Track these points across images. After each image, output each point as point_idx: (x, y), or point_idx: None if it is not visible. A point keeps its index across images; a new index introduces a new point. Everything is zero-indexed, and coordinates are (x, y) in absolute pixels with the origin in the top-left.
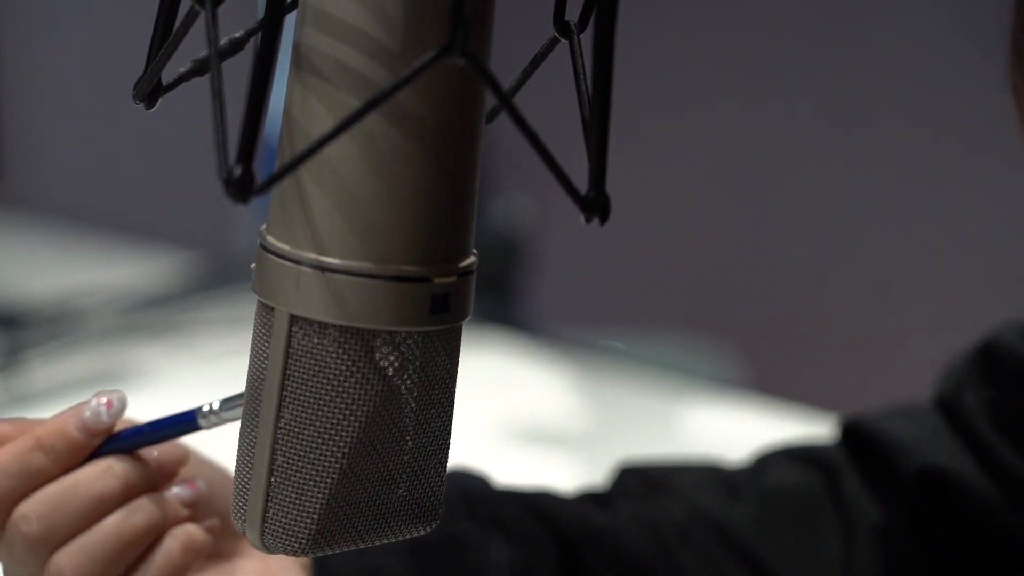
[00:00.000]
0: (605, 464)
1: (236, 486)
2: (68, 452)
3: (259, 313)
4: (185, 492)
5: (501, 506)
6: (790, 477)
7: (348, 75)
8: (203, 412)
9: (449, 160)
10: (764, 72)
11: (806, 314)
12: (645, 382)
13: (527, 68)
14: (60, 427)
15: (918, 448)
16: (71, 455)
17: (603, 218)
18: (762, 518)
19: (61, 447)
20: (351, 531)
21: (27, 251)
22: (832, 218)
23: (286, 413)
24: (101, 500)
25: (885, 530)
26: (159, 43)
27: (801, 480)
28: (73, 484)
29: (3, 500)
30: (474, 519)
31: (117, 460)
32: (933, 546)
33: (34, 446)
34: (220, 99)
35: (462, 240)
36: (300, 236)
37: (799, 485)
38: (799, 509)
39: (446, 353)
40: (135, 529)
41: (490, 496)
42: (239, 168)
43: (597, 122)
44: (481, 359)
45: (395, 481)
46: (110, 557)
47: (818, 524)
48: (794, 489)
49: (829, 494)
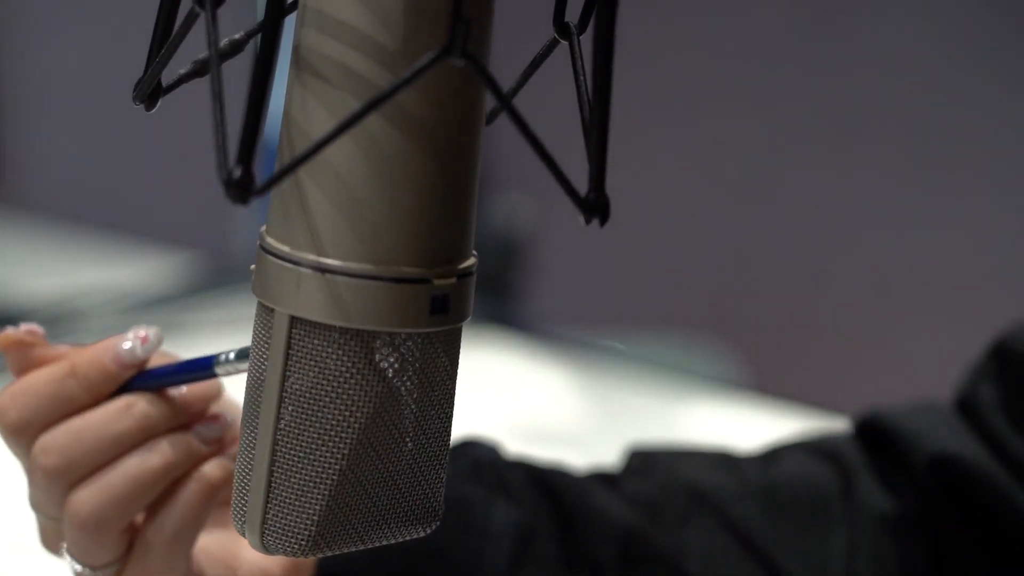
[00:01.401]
0: (605, 464)
1: (236, 487)
2: (101, 382)
3: (259, 314)
4: (209, 429)
5: (508, 472)
6: (801, 468)
7: (348, 76)
8: (219, 360)
9: (449, 161)
10: (764, 72)
11: (806, 314)
12: (645, 382)
13: (527, 69)
14: (96, 357)
15: (930, 436)
16: (103, 385)
17: (603, 219)
18: (768, 506)
19: (94, 377)
20: (351, 532)
21: (27, 251)
22: (832, 218)
23: (286, 414)
24: (118, 439)
25: (895, 521)
26: (159, 44)
27: (813, 472)
28: (92, 421)
29: (32, 423)
30: (481, 483)
31: (138, 399)
32: (944, 534)
33: (68, 373)
34: (220, 100)
35: (462, 241)
36: (300, 237)
37: (810, 477)
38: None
39: (446, 354)
40: (152, 470)
41: (499, 463)
42: (239, 169)
43: (597, 123)
44: (481, 359)
45: (395, 482)
46: (126, 497)
47: (825, 517)
48: (804, 481)
49: (840, 488)
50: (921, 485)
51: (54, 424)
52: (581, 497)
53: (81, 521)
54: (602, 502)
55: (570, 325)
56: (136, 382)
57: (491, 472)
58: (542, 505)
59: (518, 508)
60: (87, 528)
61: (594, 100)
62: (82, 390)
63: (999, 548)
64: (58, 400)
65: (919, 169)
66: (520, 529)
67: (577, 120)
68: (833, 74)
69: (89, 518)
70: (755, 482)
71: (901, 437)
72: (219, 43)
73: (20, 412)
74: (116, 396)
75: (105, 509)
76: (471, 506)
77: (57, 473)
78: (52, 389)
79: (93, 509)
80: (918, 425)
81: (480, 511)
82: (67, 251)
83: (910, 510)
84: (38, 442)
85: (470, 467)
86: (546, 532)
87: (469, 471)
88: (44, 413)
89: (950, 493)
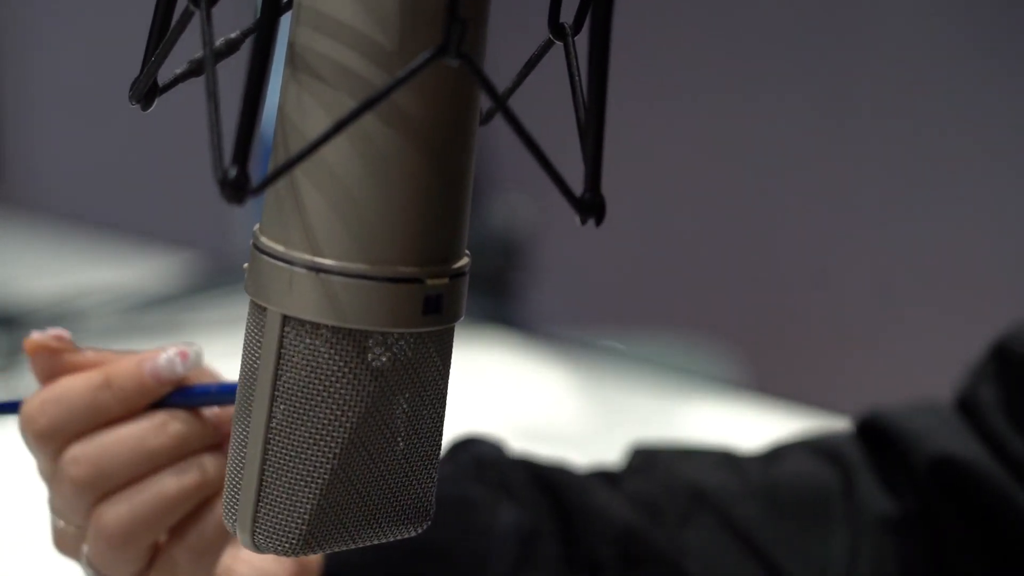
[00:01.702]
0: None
1: (227, 486)
2: (136, 395)
3: (251, 313)
4: None
5: (510, 472)
6: (803, 468)
7: (343, 75)
8: None
9: (444, 161)
10: (763, 72)
11: (806, 314)
12: (645, 382)
13: (522, 70)
14: (133, 370)
15: (931, 437)
16: (138, 398)
17: (599, 220)
18: (769, 506)
19: (130, 389)
20: (342, 531)
21: (27, 251)
22: (832, 218)
23: (277, 413)
24: (151, 456)
25: (896, 522)
26: (155, 44)
27: (814, 472)
28: (126, 436)
29: (62, 431)
30: (484, 483)
31: (173, 417)
32: (945, 535)
33: (103, 384)
34: (215, 100)
35: (455, 241)
36: (294, 237)
37: (811, 477)
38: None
39: (438, 354)
40: (184, 489)
41: (501, 462)
42: (234, 169)
43: (593, 123)
44: (481, 359)
45: (386, 482)
46: (156, 515)
47: (826, 517)
48: (805, 480)
49: (841, 488)
50: (922, 486)
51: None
52: (582, 496)
53: (108, 535)
54: (603, 501)
55: (570, 325)
56: (172, 398)
57: (493, 471)
58: (543, 504)
59: (520, 508)
60: (113, 542)
61: (589, 100)
62: (116, 402)
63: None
64: (91, 411)
65: (919, 169)
66: (523, 530)
67: (573, 120)
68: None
69: (117, 533)
70: (756, 482)
71: (902, 437)
72: (214, 42)
73: (50, 420)
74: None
75: (135, 525)
76: (474, 507)
77: (86, 485)
78: (85, 400)
79: (122, 524)
80: (919, 425)
81: (483, 512)
82: (67, 251)
83: (911, 510)
84: (68, 452)
85: (472, 465)
86: (548, 532)
87: (471, 469)
88: (75, 422)
89: (950, 494)
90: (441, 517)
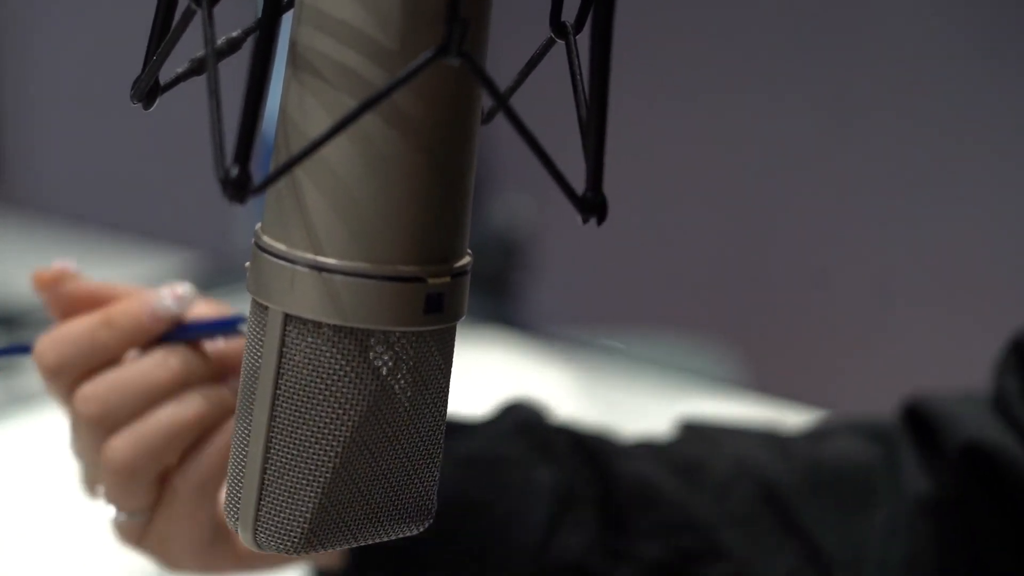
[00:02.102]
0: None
1: (228, 484)
2: (135, 333)
3: (253, 312)
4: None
5: (553, 436)
6: (848, 447)
7: (345, 74)
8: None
9: (445, 160)
10: (764, 71)
11: (806, 314)
12: (645, 382)
13: (524, 69)
14: (132, 309)
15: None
16: (137, 336)
17: (600, 219)
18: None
19: (129, 328)
20: (343, 530)
21: (27, 251)
22: (832, 218)
23: (279, 412)
24: (153, 390)
25: (933, 505)
26: (156, 43)
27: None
28: (129, 372)
29: (67, 367)
30: (524, 444)
31: (173, 352)
32: (977, 519)
33: (103, 323)
34: (216, 99)
35: (457, 240)
36: (296, 236)
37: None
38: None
39: (440, 353)
40: (185, 420)
41: (543, 425)
42: (236, 168)
43: (594, 122)
44: (481, 359)
45: (388, 480)
46: (159, 445)
47: (868, 496)
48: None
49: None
50: (956, 470)
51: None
52: (623, 463)
53: (115, 467)
54: (643, 469)
55: (570, 325)
56: (174, 334)
57: (535, 433)
58: (584, 469)
59: (560, 471)
60: (121, 474)
61: (591, 99)
62: (116, 340)
63: None
64: (93, 347)
65: (919, 169)
66: (561, 492)
67: (574, 119)
68: (833, 74)
69: (123, 464)
70: (801, 458)
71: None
72: (216, 41)
73: (57, 356)
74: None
75: (138, 456)
76: (513, 465)
77: (96, 421)
78: (87, 337)
79: (127, 456)
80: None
81: (521, 470)
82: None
83: (947, 494)
84: (79, 391)
85: (513, 427)
86: (586, 497)
87: (513, 431)
88: (79, 359)
89: (980, 478)
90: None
